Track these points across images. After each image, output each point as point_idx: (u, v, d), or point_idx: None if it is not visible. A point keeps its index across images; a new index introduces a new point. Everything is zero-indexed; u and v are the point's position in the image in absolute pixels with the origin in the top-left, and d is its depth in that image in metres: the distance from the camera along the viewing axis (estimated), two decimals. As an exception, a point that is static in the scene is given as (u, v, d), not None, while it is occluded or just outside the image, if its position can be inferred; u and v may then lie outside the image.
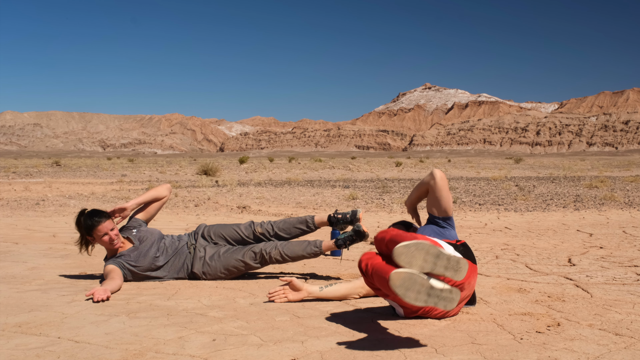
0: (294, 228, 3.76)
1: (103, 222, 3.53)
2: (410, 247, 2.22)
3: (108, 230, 3.53)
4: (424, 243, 2.23)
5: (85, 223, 3.54)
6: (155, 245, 3.65)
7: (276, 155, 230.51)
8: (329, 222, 3.76)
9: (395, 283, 2.15)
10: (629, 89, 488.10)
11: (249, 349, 2.24)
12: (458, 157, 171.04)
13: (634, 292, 3.29)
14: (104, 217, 3.55)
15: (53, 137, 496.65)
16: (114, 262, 3.57)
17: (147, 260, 3.60)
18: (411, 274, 2.17)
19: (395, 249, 2.22)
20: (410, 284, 2.16)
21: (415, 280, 2.16)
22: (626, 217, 8.34)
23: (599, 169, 33.95)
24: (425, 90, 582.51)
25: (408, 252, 2.21)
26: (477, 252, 5.00)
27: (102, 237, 3.53)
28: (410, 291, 2.16)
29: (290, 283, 3.04)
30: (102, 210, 3.61)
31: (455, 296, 2.18)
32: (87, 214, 3.58)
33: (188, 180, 21.44)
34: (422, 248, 2.23)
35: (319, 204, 11.09)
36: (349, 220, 3.75)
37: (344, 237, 3.64)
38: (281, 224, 3.78)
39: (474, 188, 15.69)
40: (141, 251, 3.61)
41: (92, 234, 3.53)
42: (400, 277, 2.16)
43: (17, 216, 8.58)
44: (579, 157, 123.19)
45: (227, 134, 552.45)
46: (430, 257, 2.23)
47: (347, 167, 38.49)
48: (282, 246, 3.63)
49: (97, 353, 2.20)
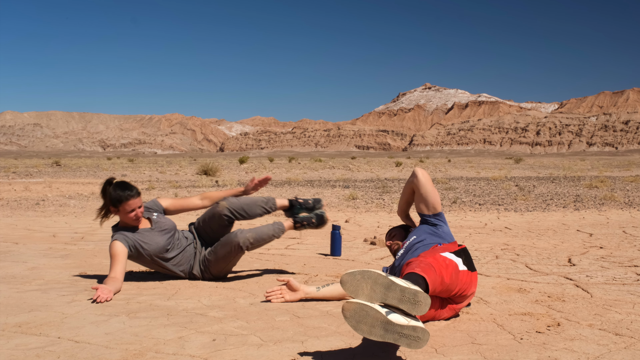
0: (257, 207, 3.69)
1: (135, 198, 3.44)
2: (356, 276, 2.03)
3: (137, 207, 3.46)
4: (371, 272, 2.02)
5: (114, 194, 3.42)
6: (168, 235, 3.60)
7: (276, 155, 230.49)
8: (290, 205, 3.77)
9: (346, 314, 1.97)
10: (629, 89, 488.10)
11: (249, 349, 2.24)
12: (458, 157, 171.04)
13: (634, 292, 3.30)
14: (136, 192, 3.46)
15: (53, 137, 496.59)
16: (123, 239, 3.44)
17: (157, 247, 3.53)
18: (362, 306, 1.95)
19: (341, 277, 2.07)
20: (361, 316, 1.95)
21: (368, 312, 1.94)
22: (626, 217, 8.34)
23: (599, 169, 33.95)
24: (425, 90, 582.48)
25: (353, 281, 2.03)
26: (477, 252, 5.00)
27: (129, 213, 3.43)
28: (361, 324, 1.96)
29: (287, 283, 3.04)
30: (132, 185, 3.52)
31: (421, 335, 1.92)
32: (116, 185, 3.46)
33: (188, 180, 21.44)
34: (368, 277, 2.01)
35: (319, 204, 11.09)
36: (311, 207, 3.77)
37: (303, 217, 3.69)
38: (246, 207, 3.68)
39: (474, 188, 15.68)
40: (154, 236, 3.54)
41: (118, 206, 3.42)
42: (351, 308, 1.97)
43: (17, 216, 8.58)
44: (579, 157, 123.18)
45: (227, 134, 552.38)
46: (379, 288, 2.00)
47: (347, 167, 38.48)
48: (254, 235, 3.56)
49: (97, 353, 2.20)
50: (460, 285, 2.57)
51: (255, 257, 4.72)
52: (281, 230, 3.65)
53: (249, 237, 3.53)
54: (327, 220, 3.74)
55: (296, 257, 4.74)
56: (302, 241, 5.82)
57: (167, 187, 16.21)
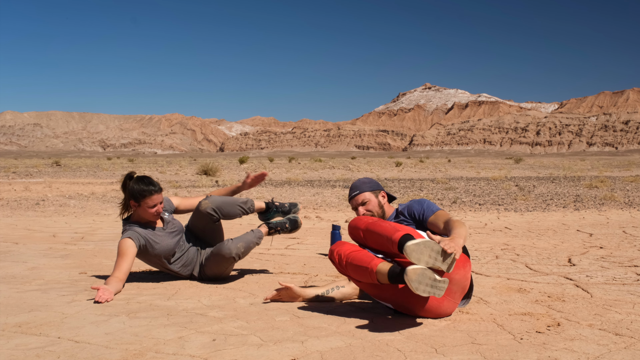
0: (235, 206, 3.67)
1: (159, 193, 3.42)
2: (420, 245, 2.48)
3: (158, 202, 3.42)
4: (429, 242, 2.50)
5: (138, 187, 3.38)
6: (178, 237, 3.60)
7: (276, 155, 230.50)
8: (266, 207, 3.78)
9: (412, 278, 2.43)
10: (629, 89, 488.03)
11: (249, 349, 2.24)
12: (458, 157, 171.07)
13: (634, 292, 3.30)
14: (159, 188, 3.44)
15: (53, 137, 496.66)
16: (134, 236, 3.40)
17: (166, 247, 3.51)
18: (424, 270, 2.45)
19: (406, 247, 2.46)
20: (422, 278, 2.45)
21: (426, 274, 2.46)
22: (626, 217, 8.34)
23: (599, 169, 33.95)
24: (425, 90, 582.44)
25: (418, 250, 2.47)
26: (477, 252, 5.00)
27: (151, 208, 3.40)
28: (421, 284, 2.44)
29: (289, 290, 3.03)
30: (154, 180, 3.50)
31: (445, 285, 2.50)
32: (138, 179, 3.42)
33: (188, 180, 21.45)
34: (428, 246, 2.49)
35: (319, 204, 11.09)
36: (287, 210, 3.78)
37: (276, 222, 3.70)
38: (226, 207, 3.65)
39: (474, 188, 15.68)
40: (165, 236, 3.53)
41: (140, 201, 3.38)
42: (416, 273, 2.44)
43: (17, 216, 8.58)
44: (579, 157, 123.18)
45: (227, 134, 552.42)
46: (434, 254, 2.49)
47: (347, 167, 38.48)
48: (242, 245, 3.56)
49: (97, 353, 2.20)
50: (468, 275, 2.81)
51: (255, 257, 4.72)
52: (260, 237, 3.64)
53: (239, 246, 3.54)
54: (300, 225, 3.77)
55: (296, 257, 4.74)
56: (302, 241, 5.83)
57: (167, 187, 16.21)
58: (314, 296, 3.04)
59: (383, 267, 2.59)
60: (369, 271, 2.62)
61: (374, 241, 2.74)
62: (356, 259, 2.69)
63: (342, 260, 2.74)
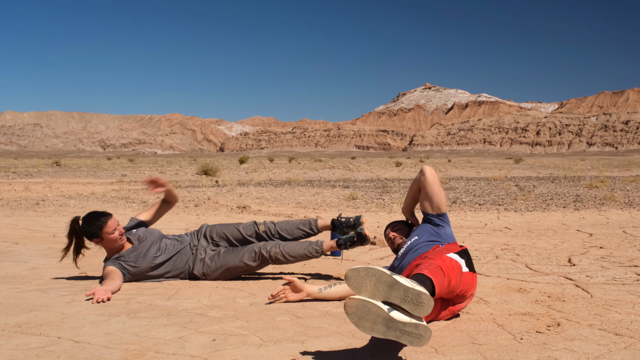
0: (296, 229, 3.73)
1: (110, 218, 3.46)
2: (360, 272, 2.04)
3: (116, 226, 3.47)
4: (376, 270, 2.03)
5: (91, 226, 3.42)
6: (155, 244, 3.61)
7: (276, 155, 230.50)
8: (332, 225, 3.74)
9: (348, 310, 1.98)
10: (629, 89, 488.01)
11: (249, 349, 2.24)
12: (458, 157, 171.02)
13: (634, 292, 3.30)
14: (108, 215, 3.49)
15: (53, 137, 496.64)
16: (114, 264, 3.51)
17: (146, 261, 3.55)
18: (365, 302, 1.96)
19: (346, 273, 2.08)
20: (363, 312, 1.96)
21: (370, 309, 1.96)
22: (626, 217, 8.33)
23: (599, 169, 33.95)
24: (425, 90, 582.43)
25: (357, 277, 2.04)
26: (477, 252, 5.00)
27: (112, 234, 3.44)
28: (364, 320, 1.97)
29: (292, 284, 3.03)
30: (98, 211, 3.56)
31: (423, 332, 1.93)
32: (85, 219, 3.47)
33: (188, 180, 21.44)
34: (372, 275, 2.02)
35: (319, 204, 11.09)
36: (352, 224, 3.72)
37: (345, 238, 3.63)
38: (284, 225, 3.74)
39: (474, 188, 15.68)
40: (140, 251, 3.56)
41: (101, 234, 3.43)
42: (353, 305, 1.97)
43: (17, 216, 8.58)
44: (579, 157, 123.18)
45: (227, 134, 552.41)
46: (382, 286, 2.01)
47: (347, 167, 38.48)
48: (283, 245, 3.61)
49: (97, 353, 2.20)
50: (462, 286, 2.58)
51: (255, 257, 4.71)
52: (317, 250, 3.61)
53: (277, 251, 3.56)
54: (368, 238, 3.65)
55: (296, 257, 4.73)
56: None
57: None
58: (316, 290, 3.04)
59: None
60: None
61: None
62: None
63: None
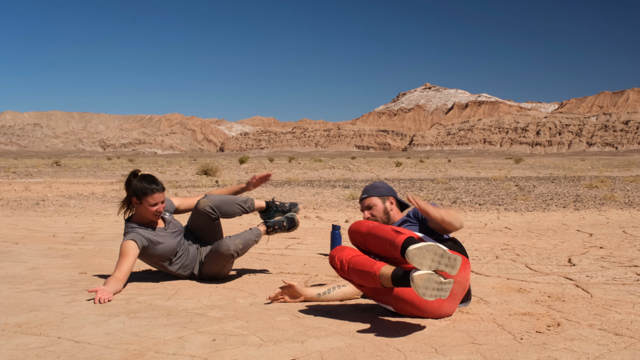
0: (235, 204, 3.69)
1: (161, 192, 3.42)
2: (422, 250, 2.45)
3: (159, 202, 3.44)
4: (432, 245, 2.47)
5: (140, 185, 3.39)
6: (179, 238, 3.60)
7: (276, 155, 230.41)
8: (266, 206, 3.79)
9: (418, 284, 2.41)
10: (629, 89, 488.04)
11: (249, 349, 2.24)
12: (458, 157, 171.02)
13: (634, 292, 3.30)
14: (161, 187, 3.45)
15: (53, 137, 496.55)
16: (139, 240, 3.39)
17: (169, 249, 3.52)
18: (430, 275, 2.43)
19: (408, 251, 2.44)
20: (429, 283, 2.43)
21: (432, 279, 2.43)
22: (626, 217, 8.34)
23: (599, 169, 33.95)
24: (425, 90, 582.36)
25: (420, 254, 2.45)
26: (477, 252, 5.00)
27: (152, 207, 3.40)
28: (428, 289, 2.42)
29: (291, 287, 3.03)
30: (158, 179, 3.51)
31: (450, 286, 2.48)
32: (142, 177, 3.43)
33: (188, 180, 21.44)
34: (431, 250, 2.46)
35: (319, 204, 11.09)
36: (287, 209, 3.79)
37: (274, 221, 3.70)
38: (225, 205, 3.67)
39: (474, 188, 15.68)
40: (168, 237, 3.53)
41: (142, 199, 3.38)
42: (423, 279, 2.42)
43: (17, 216, 8.58)
44: (579, 157, 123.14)
45: (227, 134, 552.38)
46: (437, 257, 2.46)
47: (347, 167, 38.48)
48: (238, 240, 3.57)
49: (97, 353, 2.20)
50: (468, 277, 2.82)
51: (255, 257, 4.72)
52: (259, 235, 3.65)
53: (237, 243, 3.55)
54: (298, 224, 3.77)
55: (296, 257, 4.74)
56: (302, 241, 5.82)
57: (167, 187, 16.22)
58: (315, 295, 3.04)
59: (386, 271, 2.58)
60: (372, 275, 2.61)
61: (375, 246, 2.73)
62: (358, 263, 2.68)
63: (344, 266, 2.73)
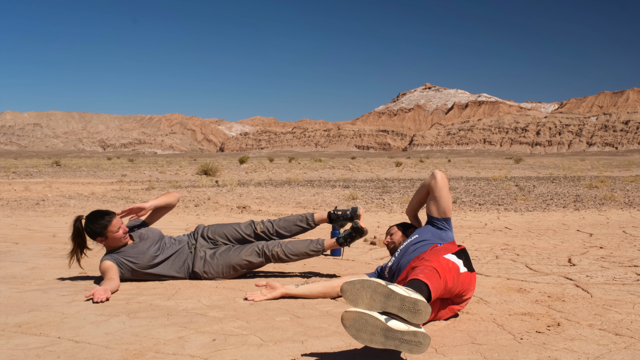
0: (294, 226, 3.76)
1: (115, 217, 3.46)
2: (355, 285, 2.05)
3: (120, 224, 3.47)
4: (371, 281, 2.03)
5: (96, 225, 3.42)
6: (155, 244, 3.61)
7: (276, 155, 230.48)
8: (329, 218, 3.77)
9: (346, 324, 1.99)
10: (629, 89, 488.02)
11: (249, 349, 2.24)
12: (458, 157, 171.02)
13: (634, 292, 3.30)
14: (112, 213, 3.49)
15: (53, 137, 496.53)
16: (111, 259, 3.49)
17: (146, 259, 3.55)
18: (361, 314, 1.97)
19: (341, 286, 2.08)
20: (361, 325, 1.97)
21: (367, 320, 1.96)
22: (626, 217, 8.33)
23: (599, 169, 33.95)
24: (425, 90, 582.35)
25: (352, 290, 2.05)
26: (477, 252, 5.00)
27: (116, 233, 3.44)
28: (362, 332, 1.97)
29: (267, 285, 3.15)
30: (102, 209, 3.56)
31: (422, 340, 1.94)
32: (90, 217, 3.46)
33: (188, 180, 21.44)
34: (368, 286, 2.03)
35: (319, 204, 11.09)
36: (349, 217, 3.75)
37: (344, 234, 3.65)
38: (281, 223, 3.76)
39: (474, 188, 15.68)
40: (141, 249, 3.56)
41: (105, 233, 3.43)
42: (350, 317, 1.98)
43: (17, 216, 8.58)
44: (579, 157, 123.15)
45: (227, 134, 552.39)
46: (379, 297, 2.02)
47: (347, 167, 38.47)
48: (284, 244, 3.63)
49: (97, 353, 2.20)
50: (460, 287, 2.60)
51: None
52: (318, 248, 3.65)
53: (279, 250, 3.59)
54: (365, 230, 3.69)
55: (296, 257, 4.73)
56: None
57: (167, 187, 16.22)
58: (293, 286, 3.14)
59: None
60: None
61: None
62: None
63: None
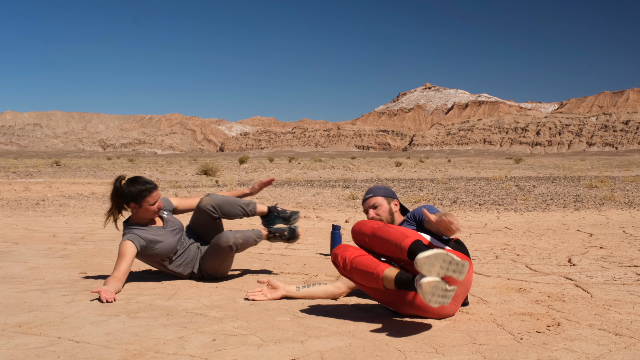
0: (236, 206, 3.71)
1: (156, 189, 3.42)
2: (431, 258, 2.46)
3: (158, 199, 3.43)
4: (441, 252, 2.48)
5: (136, 189, 3.36)
6: (178, 235, 3.60)
7: (276, 155, 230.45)
8: (268, 212, 3.80)
9: (425, 290, 2.43)
10: (629, 89, 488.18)
11: (249, 349, 2.24)
12: (458, 157, 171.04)
13: (634, 292, 3.30)
14: (155, 184, 3.44)
15: (53, 137, 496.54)
16: (137, 240, 3.39)
17: (169, 247, 3.51)
18: (438, 282, 2.45)
19: (417, 260, 2.44)
20: (436, 290, 2.44)
21: (439, 286, 2.45)
22: (626, 217, 8.33)
23: (599, 169, 33.95)
24: (425, 90, 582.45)
25: (429, 262, 2.46)
26: (477, 252, 5.00)
27: (152, 206, 3.40)
28: (434, 296, 2.44)
29: (268, 282, 3.13)
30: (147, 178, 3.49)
31: (453, 293, 2.49)
32: (132, 181, 3.40)
33: (188, 180, 21.44)
34: (439, 257, 2.47)
35: (319, 204, 11.09)
36: (288, 217, 3.80)
37: (277, 228, 3.74)
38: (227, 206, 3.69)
39: (474, 188, 15.68)
40: (167, 235, 3.53)
41: (140, 201, 3.37)
42: (431, 286, 2.44)
43: (17, 216, 8.58)
44: (579, 157, 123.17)
45: (227, 134, 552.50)
46: (445, 264, 2.47)
47: (347, 167, 38.48)
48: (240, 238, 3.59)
49: (97, 353, 2.20)
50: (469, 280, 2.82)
51: (255, 257, 4.72)
52: (260, 236, 3.67)
53: (238, 237, 3.56)
54: (299, 237, 3.80)
55: (296, 257, 4.74)
56: (302, 241, 5.82)
57: (167, 187, 16.21)
58: (294, 288, 3.13)
59: (390, 273, 2.58)
60: (375, 276, 2.61)
61: (380, 246, 2.72)
62: (361, 263, 2.67)
63: (347, 265, 2.72)
